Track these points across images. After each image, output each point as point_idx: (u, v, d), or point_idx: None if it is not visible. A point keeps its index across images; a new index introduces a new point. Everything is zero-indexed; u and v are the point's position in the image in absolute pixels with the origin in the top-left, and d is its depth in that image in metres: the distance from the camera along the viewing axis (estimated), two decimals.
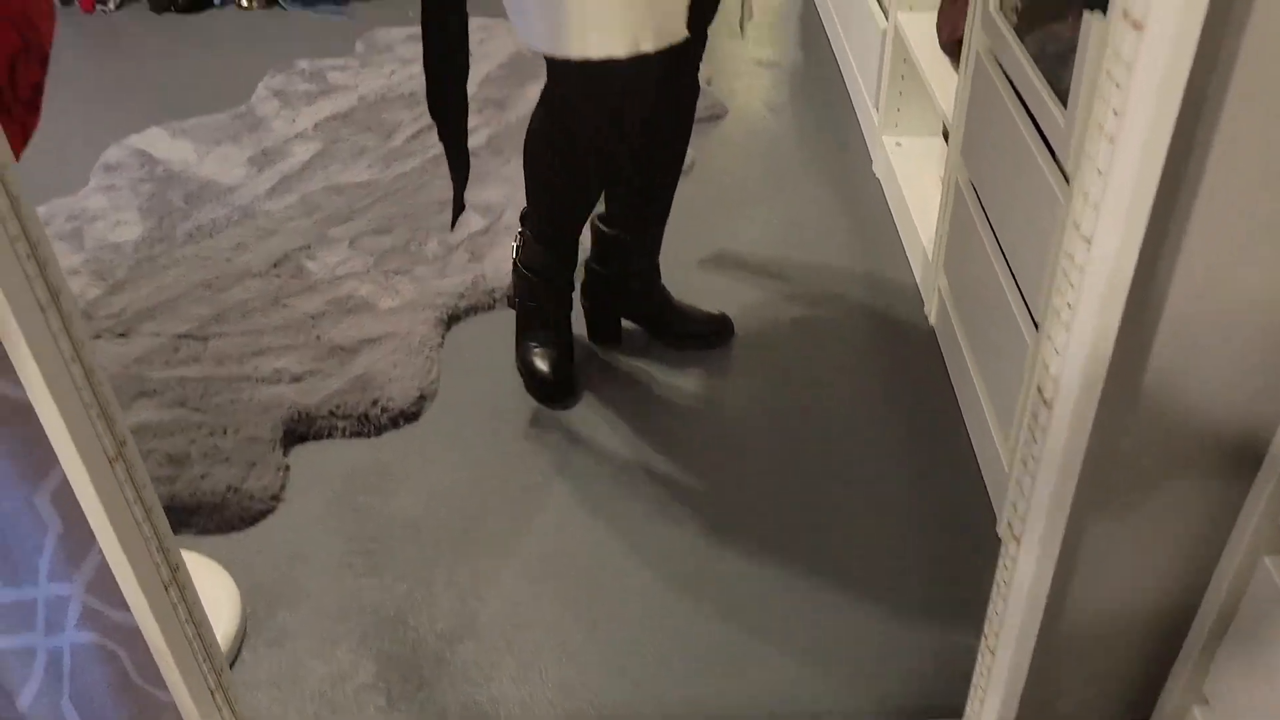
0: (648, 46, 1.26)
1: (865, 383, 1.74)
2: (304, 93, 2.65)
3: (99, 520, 0.73)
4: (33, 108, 0.96)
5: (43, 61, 0.94)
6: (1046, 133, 1.30)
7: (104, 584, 0.89)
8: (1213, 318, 0.77)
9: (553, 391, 1.71)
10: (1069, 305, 0.68)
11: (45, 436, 0.81)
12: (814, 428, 1.66)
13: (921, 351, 1.79)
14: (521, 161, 1.60)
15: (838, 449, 1.62)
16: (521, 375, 1.75)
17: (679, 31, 1.28)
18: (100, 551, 0.88)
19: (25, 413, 0.77)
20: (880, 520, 1.50)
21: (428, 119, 2.50)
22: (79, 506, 0.85)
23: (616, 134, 1.43)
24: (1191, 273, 0.75)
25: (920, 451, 1.61)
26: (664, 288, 1.80)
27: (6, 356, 0.76)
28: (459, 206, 1.47)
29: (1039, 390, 0.75)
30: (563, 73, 1.40)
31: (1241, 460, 0.89)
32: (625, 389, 1.74)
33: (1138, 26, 0.58)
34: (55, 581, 0.88)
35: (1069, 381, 0.73)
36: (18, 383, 0.73)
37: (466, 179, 1.45)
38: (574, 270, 1.73)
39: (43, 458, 0.82)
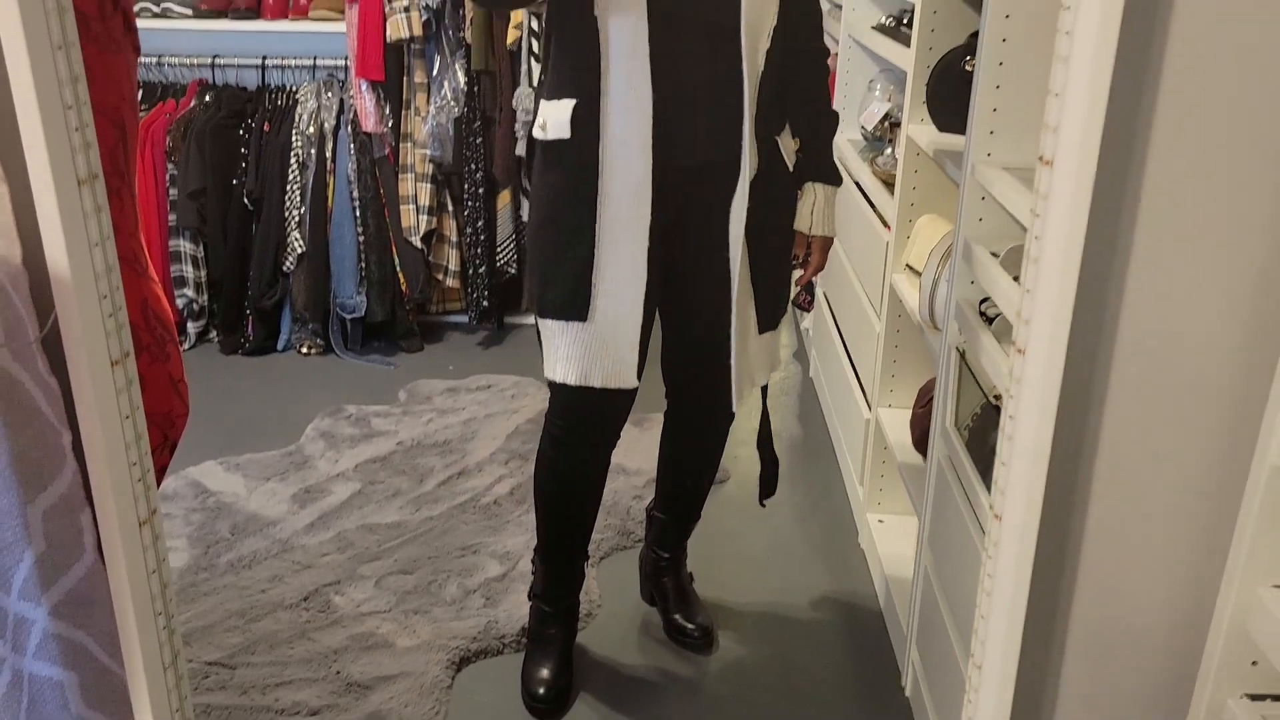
0: (595, 383, 1.70)
1: None
2: (349, 436, 2.94)
3: None
4: (157, 484, 1.20)
5: (173, 450, 1.19)
6: None
7: None
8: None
9: (541, 706, 1.92)
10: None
11: None
12: None
13: None
14: None
15: None
16: (521, 689, 1.96)
17: (626, 379, 1.70)
18: None
19: None
20: None
21: (458, 466, 2.77)
22: None
23: (585, 453, 1.83)
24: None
25: None
26: (688, 575, 2.20)
27: (115, 698, 0.94)
28: None
29: None
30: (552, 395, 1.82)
31: None
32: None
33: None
34: None
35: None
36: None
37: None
38: (572, 597, 2.00)
39: None
